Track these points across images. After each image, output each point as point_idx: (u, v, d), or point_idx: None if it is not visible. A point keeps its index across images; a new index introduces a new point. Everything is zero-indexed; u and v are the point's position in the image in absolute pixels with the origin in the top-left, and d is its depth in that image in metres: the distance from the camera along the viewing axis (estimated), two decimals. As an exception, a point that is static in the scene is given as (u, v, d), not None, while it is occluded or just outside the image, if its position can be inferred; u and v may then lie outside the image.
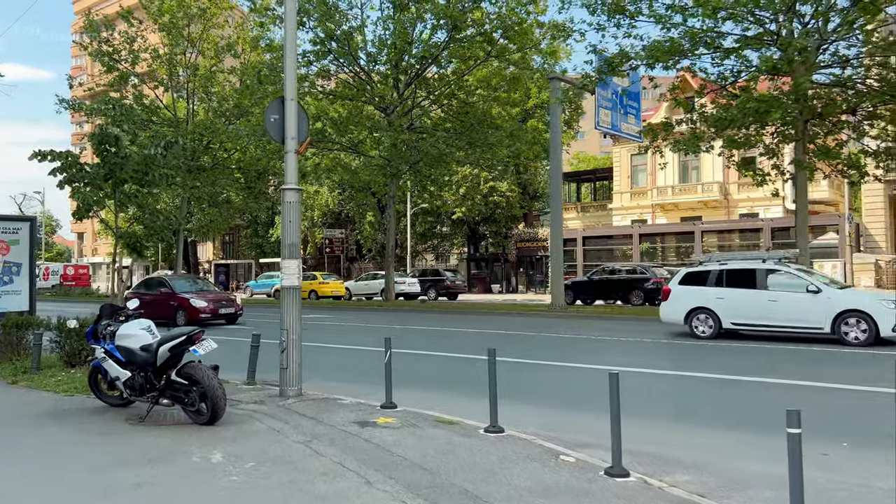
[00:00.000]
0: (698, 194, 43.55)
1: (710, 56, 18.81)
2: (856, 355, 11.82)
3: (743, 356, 12.21)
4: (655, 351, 13.41)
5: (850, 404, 8.09)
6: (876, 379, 9.15)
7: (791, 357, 12.09)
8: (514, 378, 9.64)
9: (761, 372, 10.06)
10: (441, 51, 24.92)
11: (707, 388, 9.22)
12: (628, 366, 10.37)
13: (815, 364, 11.31)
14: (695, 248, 39.96)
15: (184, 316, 19.59)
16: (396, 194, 28.89)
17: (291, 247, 8.62)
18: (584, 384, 9.61)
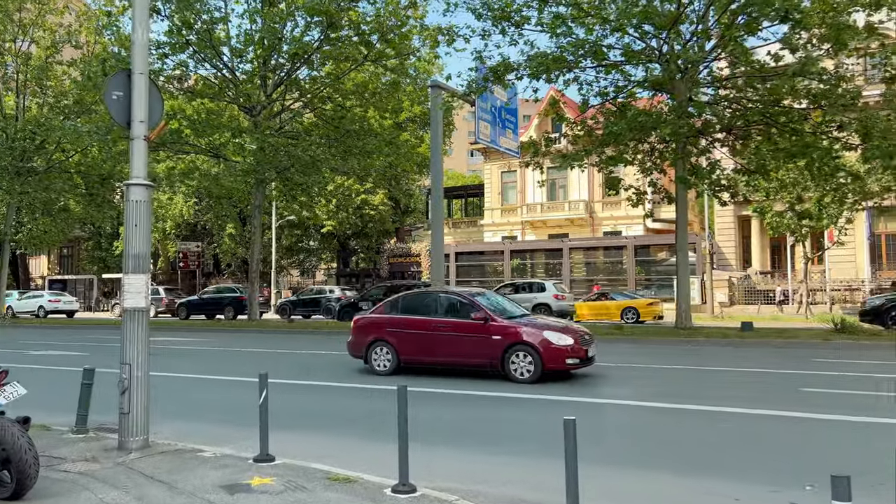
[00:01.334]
0: (565, 212, 44.51)
1: (595, 69, 18.65)
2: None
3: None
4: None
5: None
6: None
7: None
8: (415, 411, 8.25)
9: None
10: (314, 50, 23.25)
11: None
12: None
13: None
14: (563, 265, 40.69)
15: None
16: (262, 203, 26.67)
17: (138, 258, 6.77)
18: (508, 418, 8.41)
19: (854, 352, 14.17)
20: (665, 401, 8.96)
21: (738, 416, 7.94)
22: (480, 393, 9.88)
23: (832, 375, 11.09)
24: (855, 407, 8.40)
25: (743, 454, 6.35)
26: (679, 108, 16.57)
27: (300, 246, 52.31)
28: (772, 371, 11.85)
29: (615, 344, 16.49)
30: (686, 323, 18.59)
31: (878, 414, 7.90)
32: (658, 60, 17.78)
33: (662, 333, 17.85)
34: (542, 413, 8.48)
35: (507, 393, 9.68)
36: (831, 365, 12.23)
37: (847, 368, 11.82)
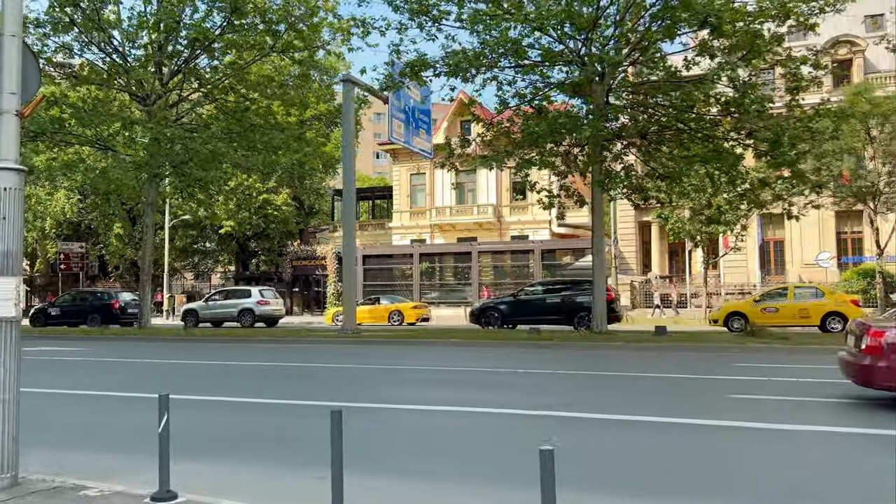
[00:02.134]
0: (474, 216, 44.44)
1: (514, 69, 18.33)
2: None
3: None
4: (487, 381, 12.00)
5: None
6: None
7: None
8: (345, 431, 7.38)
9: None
10: (216, 37, 21.70)
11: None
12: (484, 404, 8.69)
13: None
14: (472, 268, 40.53)
15: None
16: (156, 200, 24.69)
17: (7, 257, 5.56)
18: (438, 428, 7.67)
19: (769, 355, 14.47)
20: (584, 410, 8.51)
21: (669, 428, 7.58)
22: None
23: (759, 381, 11.10)
24: (785, 413, 8.29)
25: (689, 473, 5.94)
26: (597, 112, 16.49)
27: (195, 248, 49.52)
28: (699, 377, 11.76)
29: (514, 350, 16.21)
30: (602, 327, 18.57)
31: (805, 422, 7.76)
32: (577, 63, 17.67)
33: (576, 338, 17.72)
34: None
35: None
36: (755, 370, 12.32)
37: (770, 374, 11.90)
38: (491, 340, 18.24)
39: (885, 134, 26.37)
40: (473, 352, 16.29)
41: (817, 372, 11.86)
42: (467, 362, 13.84)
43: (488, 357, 14.93)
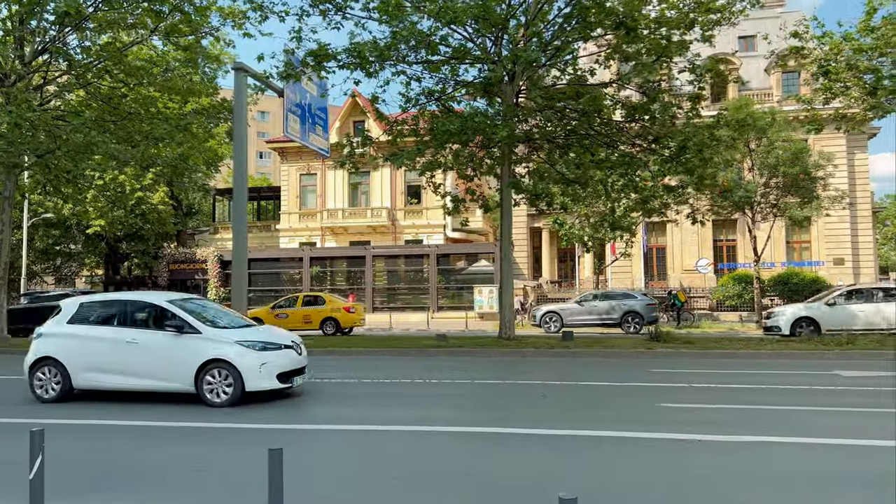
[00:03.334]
0: (368, 219, 43.28)
1: (423, 65, 17.58)
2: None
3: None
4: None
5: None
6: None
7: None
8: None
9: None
10: (88, 15, 19.37)
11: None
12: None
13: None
14: (366, 273, 39.38)
15: None
16: (13, 195, 21.78)
17: None
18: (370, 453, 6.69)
19: (679, 360, 14.55)
20: (525, 425, 7.89)
21: (611, 442, 7.08)
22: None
23: (682, 388, 10.92)
24: (722, 423, 8.04)
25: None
26: (508, 113, 16.07)
27: (58, 249, 45.02)
28: (623, 384, 11.46)
29: (423, 359, 15.51)
30: (510, 333, 18.16)
31: (741, 432, 7.51)
32: (487, 62, 17.19)
33: (485, 344, 17.18)
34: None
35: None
36: (674, 376, 12.21)
37: (690, 379, 11.81)
38: (394, 347, 17.34)
39: (762, 147, 27.92)
40: (375, 361, 15.34)
41: (734, 377, 11.92)
42: (369, 372, 12.89)
43: (394, 366, 14.05)
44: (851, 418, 8.38)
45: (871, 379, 11.52)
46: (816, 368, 12.96)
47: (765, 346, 16.06)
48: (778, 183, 28.36)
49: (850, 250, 38.15)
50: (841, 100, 19.23)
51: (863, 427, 7.78)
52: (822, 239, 38.16)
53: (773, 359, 14.57)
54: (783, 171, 27.34)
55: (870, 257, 39.15)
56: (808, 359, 14.50)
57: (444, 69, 17.85)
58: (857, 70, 16.83)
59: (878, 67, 16.84)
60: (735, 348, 15.85)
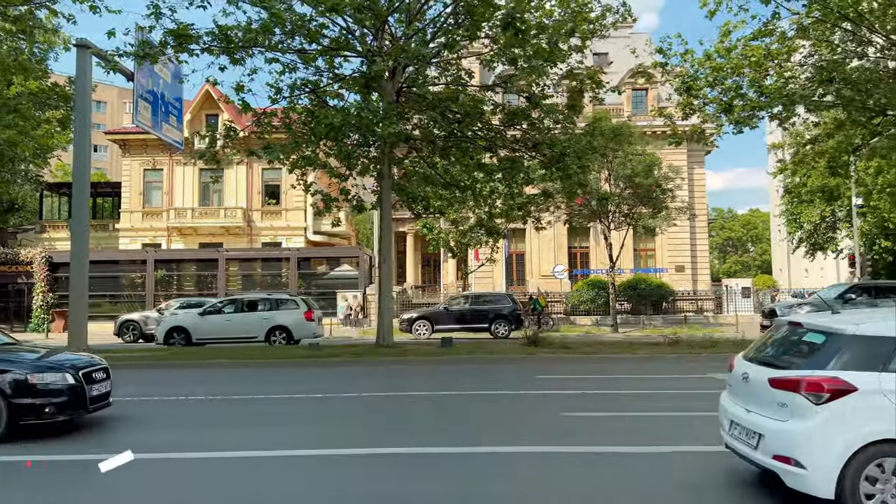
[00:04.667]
0: (221, 219, 40.59)
1: (297, 54, 16.38)
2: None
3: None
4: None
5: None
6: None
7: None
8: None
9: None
10: None
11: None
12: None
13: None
14: (218, 277, 36.83)
15: None
16: None
17: None
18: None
19: (562, 366, 14.52)
20: (430, 442, 7.22)
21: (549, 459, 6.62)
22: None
23: (578, 395, 10.74)
24: (630, 433, 7.86)
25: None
26: (391, 110, 15.33)
27: None
28: (518, 393, 11.10)
29: (296, 370, 14.49)
30: (388, 340, 17.37)
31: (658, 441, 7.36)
32: (368, 56, 16.35)
33: (364, 353, 16.31)
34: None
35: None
36: (564, 382, 12.05)
37: (582, 385, 11.68)
38: (262, 359, 15.98)
39: (619, 159, 29.27)
40: (250, 374, 13.99)
41: (623, 383, 11.99)
42: (249, 386, 11.61)
43: (266, 380, 12.83)
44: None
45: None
46: (692, 372, 13.39)
47: (639, 350, 16.53)
48: (632, 193, 29.88)
49: (690, 258, 41.24)
50: (698, 115, 20.39)
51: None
52: (665, 247, 40.89)
53: (650, 362, 14.99)
54: (638, 182, 28.82)
55: (706, 264, 42.61)
56: (679, 362, 15.05)
57: (320, 61, 16.77)
58: (723, 87, 17.85)
59: (736, 85, 17.96)
60: (612, 352, 16.17)
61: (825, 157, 19.61)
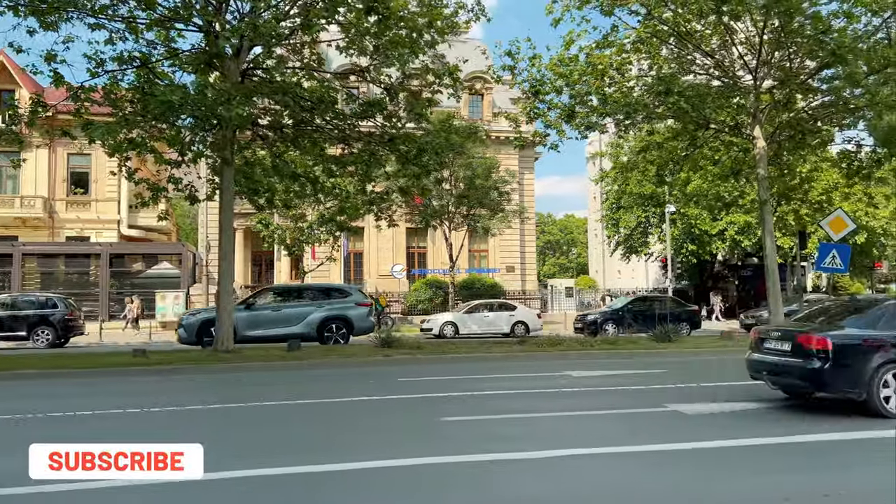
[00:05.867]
0: (16, 209, 35.49)
1: (126, 24, 14.39)
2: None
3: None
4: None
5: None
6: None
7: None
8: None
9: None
10: None
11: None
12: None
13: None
14: (13, 275, 32.15)
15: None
16: None
17: None
18: None
19: (421, 367, 14.06)
20: (303, 459, 6.41)
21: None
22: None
23: (446, 398, 10.29)
24: (517, 438, 7.58)
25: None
26: (238, 92, 13.92)
27: None
28: (384, 398, 10.42)
29: (124, 381, 12.83)
30: (227, 345, 15.80)
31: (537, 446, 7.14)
32: (211, 30, 14.76)
33: (199, 360, 14.69)
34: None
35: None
36: (429, 385, 11.57)
37: (447, 388, 11.27)
38: (79, 367, 13.86)
39: (459, 160, 29.58)
40: (70, 387, 12.00)
41: (490, 383, 11.75)
42: (72, 401, 9.84)
43: (87, 392, 11.08)
44: (620, 421, 8.55)
45: (597, 378, 12.27)
46: (548, 370, 13.53)
47: (492, 349, 16.54)
48: (472, 195, 30.34)
49: (519, 259, 42.89)
50: (541, 120, 20.96)
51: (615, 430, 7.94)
52: (498, 248, 42.16)
53: (506, 362, 15.01)
54: (479, 184, 29.33)
55: (534, 266, 44.59)
56: (532, 360, 15.23)
57: (153, 32, 14.88)
58: (571, 93, 18.42)
59: (580, 92, 18.64)
60: (466, 353, 16.00)
61: (655, 165, 21.05)
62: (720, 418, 8.39)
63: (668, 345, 16.63)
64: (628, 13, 18.84)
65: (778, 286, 18.87)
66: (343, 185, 18.48)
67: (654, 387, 11.08)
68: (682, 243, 36.43)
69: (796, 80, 17.61)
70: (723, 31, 18.44)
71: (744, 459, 6.42)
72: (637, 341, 17.79)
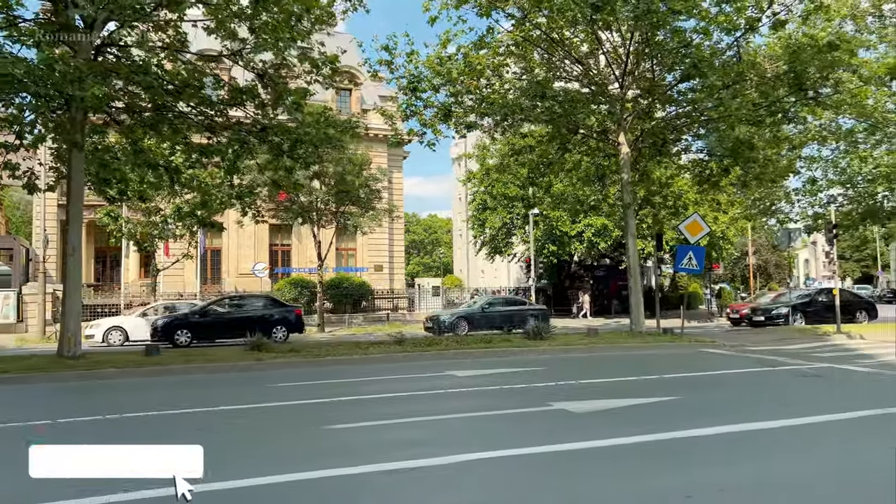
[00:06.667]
0: None
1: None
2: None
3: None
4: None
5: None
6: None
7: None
8: None
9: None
10: None
11: None
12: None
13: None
14: None
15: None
16: None
17: None
18: None
19: (296, 371, 13.31)
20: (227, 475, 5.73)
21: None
22: None
23: (328, 403, 9.75)
24: (424, 443, 7.28)
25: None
26: (93, 69, 12.43)
27: None
28: (264, 405, 9.68)
29: None
30: (74, 350, 14.10)
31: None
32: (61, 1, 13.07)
33: (42, 367, 12.99)
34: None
35: None
36: (310, 390, 10.92)
37: (332, 392, 10.70)
38: None
39: (329, 155, 28.72)
40: None
41: (375, 385, 11.31)
42: None
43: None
44: (512, 421, 8.48)
45: (481, 378, 12.22)
46: (430, 370, 13.30)
47: (368, 349, 16.05)
48: (342, 192, 29.55)
49: (388, 258, 42.56)
50: (417, 118, 20.77)
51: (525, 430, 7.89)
52: (366, 247, 41.57)
53: (386, 363, 14.61)
54: (350, 181, 28.60)
55: (402, 265, 44.42)
56: (412, 360, 14.95)
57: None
58: (450, 91, 18.34)
59: (457, 91, 18.63)
60: (342, 354, 15.40)
61: (527, 168, 21.53)
62: (607, 416, 8.52)
63: (541, 342, 16.98)
64: (505, 16, 19.12)
65: (639, 285, 19.93)
66: (203, 176, 17.19)
67: (537, 385, 11.17)
68: (543, 244, 37.76)
69: (659, 91, 18.67)
70: (592, 39, 19.19)
71: (639, 458, 6.48)
72: (512, 339, 18.04)
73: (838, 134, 23.47)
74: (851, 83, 18.30)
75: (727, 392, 10.76)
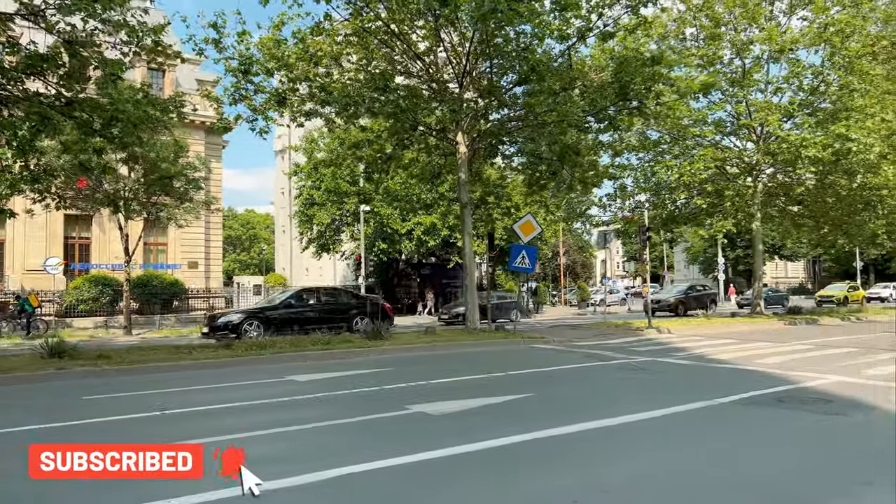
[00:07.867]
0: None
1: None
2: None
3: None
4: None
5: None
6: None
7: None
8: None
9: None
10: None
11: None
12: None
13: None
14: None
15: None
16: None
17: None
18: None
19: (111, 380, 11.57)
20: None
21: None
22: None
23: (156, 417, 8.50)
24: (278, 459, 6.51)
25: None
26: None
27: None
28: (68, 426, 8.18)
29: None
30: None
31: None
32: None
33: None
34: None
35: None
36: (134, 402, 9.48)
37: (154, 403, 9.37)
38: None
39: (148, 143, 25.95)
40: None
41: (205, 395, 10.11)
42: None
43: None
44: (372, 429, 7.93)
45: (326, 382, 11.51)
46: (270, 375, 12.28)
47: (195, 353, 14.55)
48: (155, 180, 26.86)
49: (204, 254, 39.68)
50: (245, 104, 19.33)
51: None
52: (179, 242, 38.44)
53: (221, 368, 13.29)
54: (165, 168, 26.04)
55: (219, 262, 41.65)
56: (246, 365, 13.76)
57: None
58: (288, 77, 17.20)
59: (294, 77, 17.58)
60: (166, 360, 13.75)
61: (364, 162, 20.93)
62: (467, 417, 8.24)
63: (382, 342, 16.50)
64: (344, 4, 18.37)
65: (475, 283, 20.18)
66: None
67: (388, 387, 10.68)
68: (374, 241, 37.35)
69: (497, 93, 19.00)
70: (433, 37, 19.06)
71: (514, 461, 6.23)
72: (352, 340, 17.34)
73: (647, 144, 25.60)
74: (666, 95, 19.93)
75: (575, 387, 11.00)
